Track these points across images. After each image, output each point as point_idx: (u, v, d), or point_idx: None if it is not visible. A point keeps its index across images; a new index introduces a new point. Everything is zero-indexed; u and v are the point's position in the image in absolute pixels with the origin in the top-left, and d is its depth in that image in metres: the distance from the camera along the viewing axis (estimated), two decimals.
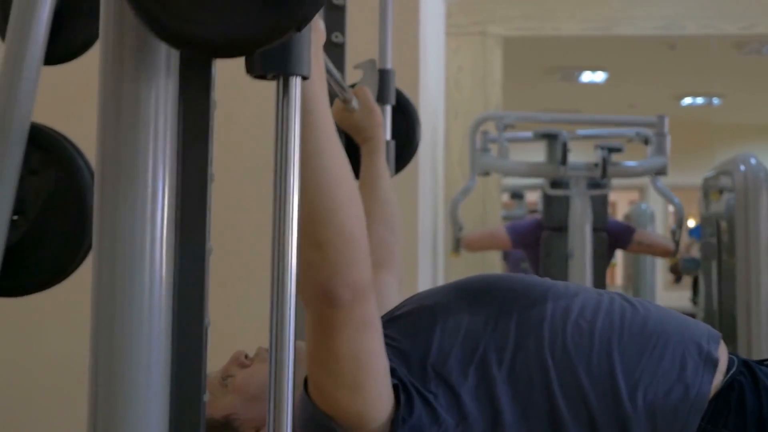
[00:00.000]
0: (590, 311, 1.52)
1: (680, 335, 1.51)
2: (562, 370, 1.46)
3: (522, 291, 1.56)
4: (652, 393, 1.45)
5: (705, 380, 1.47)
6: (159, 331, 0.90)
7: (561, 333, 1.49)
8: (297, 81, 0.93)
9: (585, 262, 5.03)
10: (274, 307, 0.96)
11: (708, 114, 11.32)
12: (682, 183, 11.37)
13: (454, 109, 6.28)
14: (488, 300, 1.55)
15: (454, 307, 1.54)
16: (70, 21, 1.56)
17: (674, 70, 9.19)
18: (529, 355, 1.47)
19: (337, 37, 2.18)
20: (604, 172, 4.92)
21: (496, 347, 1.48)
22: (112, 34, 0.92)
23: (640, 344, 1.49)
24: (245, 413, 1.55)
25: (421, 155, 3.60)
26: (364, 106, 2.05)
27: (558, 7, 6.67)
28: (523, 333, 1.49)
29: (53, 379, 3.16)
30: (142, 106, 0.91)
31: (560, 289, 1.57)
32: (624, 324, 1.51)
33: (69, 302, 2.01)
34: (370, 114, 2.05)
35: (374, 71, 2.21)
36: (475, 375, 1.46)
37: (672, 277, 12.57)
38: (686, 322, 1.57)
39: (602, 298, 1.57)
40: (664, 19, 6.67)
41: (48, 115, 1.61)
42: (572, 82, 9.80)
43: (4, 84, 1.49)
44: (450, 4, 5.86)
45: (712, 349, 1.51)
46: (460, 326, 1.50)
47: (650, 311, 1.56)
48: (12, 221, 1.49)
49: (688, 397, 1.45)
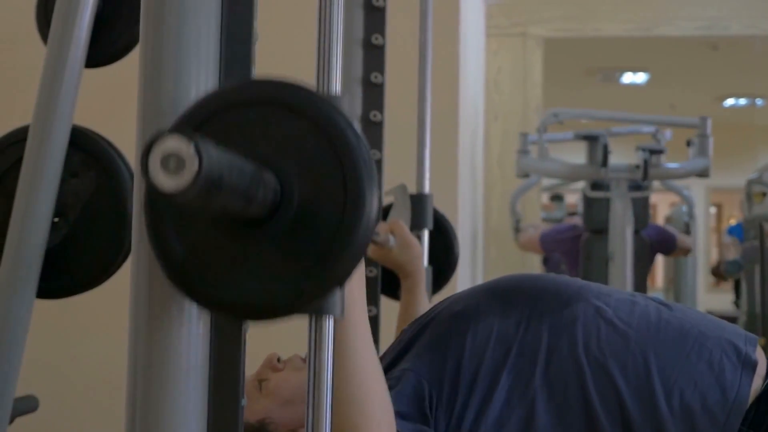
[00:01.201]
0: (624, 312, 1.50)
1: (717, 337, 1.49)
2: (596, 371, 1.44)
3: (553, 291, 1.55)
4: (689, 395, 1.42)
5: (744, 383, 1.44)
6: (197, 334, 0.90)
7: (595, 334, 1.47)
8: (329, 320, 0.91)
9: (626, 265, 4.99)
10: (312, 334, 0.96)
11: (751, 115, 11.21)
12: (725, 185, 11.28)
13: (493, 111, 6.26)
14: (519, 301, 1.53)
15: (484, 310, 1.53)
16: (111, 24, 1.57)
17: (717, 71, 9.12)
18: (563, 357, 1.45)
19: (377, 39, 2.18)
20: (645, 174, 4.88)
21: (529, 349, 1.47)
22: (151, 38, 0.92)
23: (676, 346, 1.47)
24: (280, 417, 1.55)
25: (461, 157, 3.59)
26: (402, 241, 2.03)
27: (599, 8, 6.63)
28: (555, 334, 1.47)
29: (92, 382, 3.18)
30: (181, 110, 0.91)
31: (593, 290, 1.56)
32: (660, 325, 1.49)
33: (109, 304, 2.02)
34: (408, 249, 2.03)
35: (406, 196, 2.18)
36: (508, 378, 1.45)
37: (713, 279, 12.48)
38: (722, 324, 1.55)
39: (636, 299, 1.55)
40: (707, 19, 6.61)
41: (89, 117, 1.61)
42: (613, 84, 9.75)
43: (45, 86, 1.50)
44: (490, 5, 5.84)
45: (750, 351, 1.48)
46: (491, 330, 1.49)
47: (686, 313, 1.54)
48: (53, 223, 1.49)
49: (727, 399, 1.43)
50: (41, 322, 1.68)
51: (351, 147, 0.83)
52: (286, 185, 0.83)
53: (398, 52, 2.31)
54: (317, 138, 0.83)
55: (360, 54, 2.15)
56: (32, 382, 1.75)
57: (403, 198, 2.18)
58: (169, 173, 0.69)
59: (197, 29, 0.92)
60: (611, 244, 5.05)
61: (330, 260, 0.82)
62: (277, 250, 0.83)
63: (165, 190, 0.69)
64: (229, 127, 0.84)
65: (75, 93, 1.51)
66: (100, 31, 1.54)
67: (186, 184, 0.69)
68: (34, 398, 1.73)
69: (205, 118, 0.85)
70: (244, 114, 0.84)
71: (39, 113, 1.49)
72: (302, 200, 0.83)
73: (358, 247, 0.83)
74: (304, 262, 0.82)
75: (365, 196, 0.82)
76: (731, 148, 10.02)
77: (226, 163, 0.73)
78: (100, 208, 1.53)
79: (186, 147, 0.69)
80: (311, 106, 0.84)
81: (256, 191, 0.79)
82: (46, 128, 1.48)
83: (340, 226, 0.82)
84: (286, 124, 0.84)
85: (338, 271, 0.83)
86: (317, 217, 0.83)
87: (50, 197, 1.48)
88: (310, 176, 0.83)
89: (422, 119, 2.31)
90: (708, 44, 7.71)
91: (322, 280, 0.83)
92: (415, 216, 2.18)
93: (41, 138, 1.48)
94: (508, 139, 6.10)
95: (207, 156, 0.69)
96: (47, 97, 1.49)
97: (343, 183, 0.83)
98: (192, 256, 0.84)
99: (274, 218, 0.83)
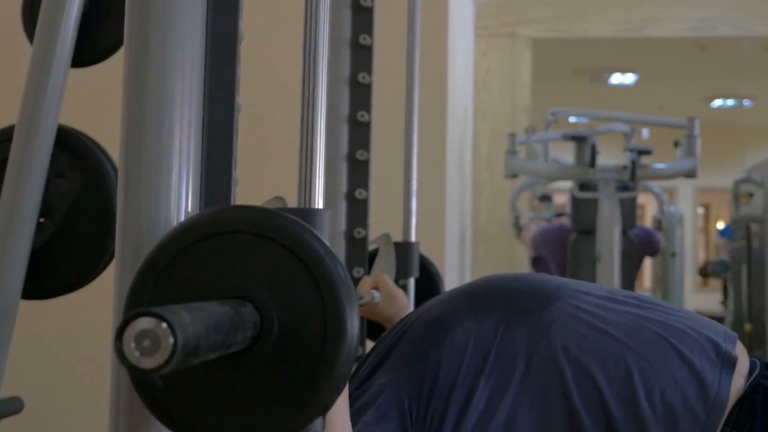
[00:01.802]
0: (604, 310, 1.48)
1: (697, 334, 1.47)
2: (577, 372, 1.42)
3: (531, 292, 1.53)
4: (670, 393, 1.41)
5: (724, 380, 1.43)
6: None
7: (575, 334, 1.45)
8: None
9: (613, 265, 5.00)
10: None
11: (738, 116, 11.24)
12: (712, 185, 11.32)
13: (482, 111, 6.27)
14: (496, 304, 1.51)
15: (462, 315, 1.51)
16: (98, 23, 1.56)
17: (705, 72, 9.15)
18: (543, 359, 1.43)
19: (364, 39, 2.17)
20: (633, 175, 4.89)
21: (507, 354, 1.45)
22: (136, 37, 0.92)
23: (656, 344, 1.45)
24: None
25: (449, 157, 3.59)
26: (387, 294, 1.99)
27: (588, 9, 6.65)
28: (534, 337, 1.45)
29: (78, 383, 3.17)
30: (166, 110, 0.91)
31: (570, 288, 1.54)
32: (639, 323, 1.47)
33: (94, 306, 2.01)
34: (394, 301, 2.00)
35: (390, 246, 2.16)
36: (488, 384, 1.43)
37: (701, 279, 12.52)
38: (702, 321, 1.53)
39: (615, 296, 1.53)
40: (695, 20, 6.63)
41: (75, 117, 1.61)
42: (602, 84, 9.77)
43: (31, 86, 1.49)
44: (479, 6, 5.85)
45: (729, 348, 1.47)
46: (469, 335, 1.47)
47: (664, 310, 1.52)
48: (38, 224, 1.49)
49: (707, 397, 1.41)
50: (27, 323, 1.67)
51: (329, 273, 0.82)
52: (265, 314, 0.82)
53: (386, 52, 2.30)
54: (294, 264, 0.82)
55: (347, 54, 2.14)
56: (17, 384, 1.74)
57: (387, 247, 2.16)
58: (145, 353, 0.69)
59: (182, 29, 0.92)
60: (599, 244, 5.06)
61: (312, 389, 0.81)
62: (258, 379, 0.82)
63: (142, 369, 0.69)
64: (204, 256, 0.84)
65: (61, 93, 1.50)
66: (86, 31, 1.54)
67: (162, 361, 0.69)
68: (19, 399, 1.72)
69: (180, 249, 0.84)
70: (219, 243, 0.84)
71: (25, 113, 1.49)
72: (282, 328, 0.82)
73: (340, 373, 0.81)
74: (285, 391, 0.81)
75: (345, 321, 0.81)
76: (719, 149, 10.05)
77: (202, 329, 0.73)
78: (85, 209, 1.52)
79: (159, 327, 0.69)
80: (287, 232, 0.83)
81: (234, 336, 0.78)
82: (31, 128, 1.47)
83: (321, 354, 0.81)
84: (262, 251, 0.83)
85: (321, 400, 0.82)
86: (298, 345, 0.82)
87: (36, 198, 1.47)
88: (289, 303, 0.82)
89: (410, 120, 2.30)
90: (696, 45, 7.73)
91: (304, 409, 0.81)
92: (401, 265, 2.15)
93: (27, 138, 1.48)
94: (497, 139, 6.11)
95: (181, 331, 0.69)
96: (33, 97, 1.48)
97: (322, 309, 0.82)
98: (171, 388, 0.83)
99: (254, 348, 0.82)
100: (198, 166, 0.93)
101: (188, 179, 0.92)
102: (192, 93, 0.93)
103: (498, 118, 6.34)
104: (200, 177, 0.94)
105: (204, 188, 0.94)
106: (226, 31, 0.96)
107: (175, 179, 0.91)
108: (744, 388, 1.45)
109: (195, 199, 0.93)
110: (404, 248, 2.17)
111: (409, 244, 2.19)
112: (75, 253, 1.53)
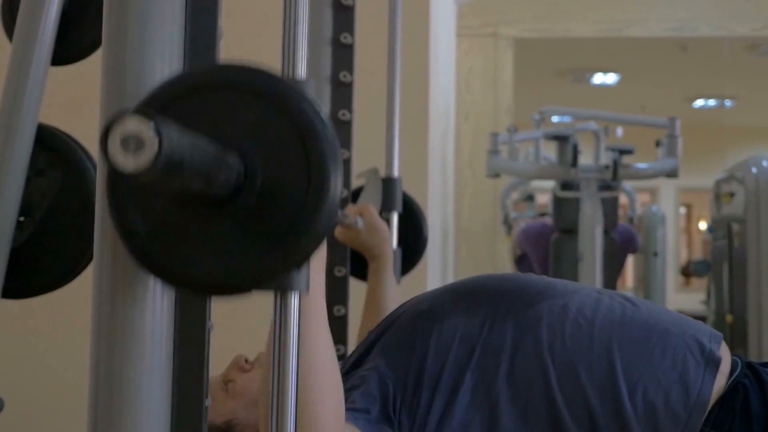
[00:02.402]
0: (589, 309, 1.50)
1: (682, 334, 1.49)
2: (561, 370, 1.44)
3: (518, 291, 1.54)
4: (653, 393, 1.42)
5: (707, 380, 1.44)
6: (160, 335, 0.89)
7: (559, 332, 1.47)
8: (295, 297, 0.91)
9: (595, 264, 5.02)
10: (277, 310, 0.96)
11: (720, 116, 11.29)
12: (694, 185, 11.35)
13: (464, 111, 6.28)
14: (484, 301, 1.53)
15: (449, 310, 1.52)
16: (78, 22, 1.56)
17: (686, 72, 9.17)
18: (528, 356, 1.45)
19: (345, 38, 2.17)
20: (615, 174, 4.90)
21: (492, 349, 1.46)
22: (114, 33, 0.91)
23: (640, 343, 1.46)
24: (246, 418, 1.55)
25: (431, 156, 3.59)
26: (370, 225, 2.04)
27: (570, 9, 6.66)
28: (520, 334, 1.47)
29: (56, 383, 3.15)
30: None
31: (558, 288, 1.55)
32: (624, 322, 1.49)
33: (74, 304, 2.00)
34: (376, 233, 2.04)
35: (377, 180, 2.19)
36: (472, 378, 1.44)
37: (683, 279, 12.56)
38: (687, 321, 1.54)
39: (601, 296, 1.55)
40: (677, 20, 6.66)
41: (55, 115, 1.60)
42: (584, 84, 9.79)
43: (11, 84, 1.49)
44: (461, 6, 5.85)
45: (714, 348, 1.48)
46: (455, 330, 1.49)
47: (651, 310, 1.54)
48: (18, 222, 1.48)
49: (689, 397, 1.42)
50: (6, 322, 1.67)
51: (316, 130, 0.84)
52: (250, 167, 0.84)
53: (368, 51, 2.30)
54: (282, 121, 0.84)
55: (329, 53, 2.14)
56: None
57: (374, 181, 2.20)
58: (129, 154, 0.69)
59: (161, 27, 0.92)
60: (581, 243, 5.07)
61: (292, 239, 0.83)
62: (240, 229, 0.84)
63: (125, 171, 0.69)
64: (193, 110, 0.85)
65: (41, 91, 1.49)
66: (66, 29, 1.53)
67: (146, 165, 0.69)
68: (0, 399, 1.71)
69: (169, 100, 0.85)
70: (209, 98, 0.85)
71: (4, 111, 1.48)
72: (266, 181, 0.84)
73: (320, 227, 0.83)
74: (266, 240, 0.83)
75: (329, 177, 0.83)
76: (701, 149, 10.08)
77: (188, 145, 0.73)
78: (66, 207, 1.52)
79: (146, 127, 0.69)
80: (276, 90, 0.84)
81: (218, 173, 0.79)
82: (11, 126, 1.47)
83: (303, 207, 0.83)
84: (251, 107, 0.84)
85: (300, 250, 0.83)
86: (281, 198, 0.83)
87: (15, 196, 1.46)
88: (274, 158, 0.84)
89: (391, 119, 2.30)
90: (678, 45, 7.76)
91: (284, 258, 0.83)
92: (385, 199, 2.20)
93: (6, 136, 1.47)
94: (479, 139, 6.11)
95: (167, 137, 0.70)
96: (12, 95, 1.48)
97: (307, 165, 0.83)
98: (154, 234, 0.84)
99: (238, 198, 0.83)
100: None
101: None
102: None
103: (480, 118, 6.35)
104: None
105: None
106: (205, 29, 0.96)
107: None
108: (725, 388, 1.46)
109: None
110: (387, 183, 2.22)
111: (392, 179, 2.22)
112: (55, 252, 1.53)
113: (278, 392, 0.90)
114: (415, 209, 2.39)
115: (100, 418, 0.88)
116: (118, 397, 0.85)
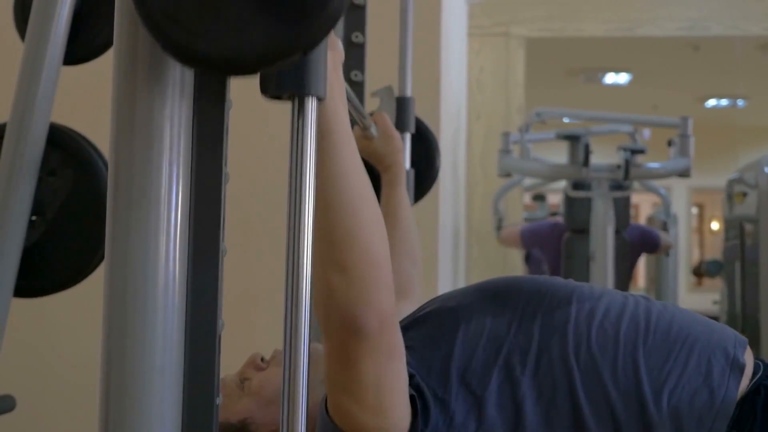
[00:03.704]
0: (615, 314, 1.50)
1: (707, 339, 1.49)
2: (586, 373, 1.44)
3: (546, 293, 1.54)
4: (677, 397, 1.42)
5: (731, 385, 1.44)
6: (172, 333, 0.89)
7: (586, 336, 1.47)
8: (313, 102, 0.92)
9: (607, 264, 5.00)
10: (289, 308, 0.96)
11: (732, 116, 11.26)
12: (706, 185, 11.33)
13: (475, 110, 6.27)
14: (512, 301, 1.53)
15: (477, 308, 1.52)
16: (90, 21, 1.56)
17: (698, 72, 9.15)
18: (553, 358, 1.45)
19: (357, 37, 2.17)
20: (626, 174, 4.89)
21: (519, 349, 1.46)
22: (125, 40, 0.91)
23: (665, 348, 1.47)
24: (261, 417, 1.54)
25: (443, 156, 3.59)
26: (384, 132, 2.02)
27: (581, 8, 6.65)
28: (547, 335, 1.47)
29: (70, 381, 3.16)
30: (155, 111, 0.91)
31: (585, 291, 1.55)
32: (649, 327, 1.49)
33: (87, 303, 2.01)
34: (390, 141, 2.03)
35: (392, 98, 2.18)
36: (498, 377, 1.44)
37: (695, 279, 12.53)
38: (712, 326, 1.55)
39: (627, 300, 1.55)
40: (689, 20, 6.64)
41: (67, 115, 1.61)
42: (596, 84, 9.77)
43: (23, 84, 1.49)
44: (472, 5, 5.85)
45: (738, 353, 1.48)
46: (483, 328, 1.49)
47: (676, 315, 1.54)
48: (30, 222, 1.49)
49: (714, 402, 1.43)
50: (18, 320, 1.67)
51: None
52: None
53: (379, 50, 2.31)
54: None
55: None
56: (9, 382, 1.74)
57: (388, 99, 2.18)
58: None
59: None
60: (592, 243, 5.06)
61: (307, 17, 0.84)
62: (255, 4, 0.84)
63: None
64: None
65: (53, 90, 1.50)
66: (78, 28, 1.54)
67: None
68: (11, 398, 1.72)
69: None
70: None
71: (16, 111, 1.49)
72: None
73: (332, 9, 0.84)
74: (282, 16, 0.84)
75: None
76: (713, 149, 10.06)
77: None
78: (77, 207, 1.52)
79: None
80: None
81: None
82: (23, 126, 1.47)
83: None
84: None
85: (315, 28, 0.84)
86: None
87: (27, 195, 1.47)
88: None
89: None
90: (690, 45, 7.74)
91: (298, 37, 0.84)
92: (398, 118, 2.18)
93: (18, 136, 1.48)
94: (491, 138, 6.11)
95: None
96: (25, 95, 1.48)
97: None
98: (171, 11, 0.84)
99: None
100: (188, 161, 0.93)
101: (178, 177, 0.92)
102: (183, 89, 0.92)
103: (492, 118, 6.34)
104: (190, 174, 0.94)
105: (194, 185, 0.94)
106: None
107: (165, 176, 0.91)
108: (746, 389, 1.46)
109: (185, 195, 0.93)
110: (400, 102, 2.22)
111: (405, 98, 2.22)
112: (67, 251, 1.53)
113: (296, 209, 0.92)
114: (429, 136, 2.37)
115: (111, 415, 0.88)
116: (128, 394, 0.85)
